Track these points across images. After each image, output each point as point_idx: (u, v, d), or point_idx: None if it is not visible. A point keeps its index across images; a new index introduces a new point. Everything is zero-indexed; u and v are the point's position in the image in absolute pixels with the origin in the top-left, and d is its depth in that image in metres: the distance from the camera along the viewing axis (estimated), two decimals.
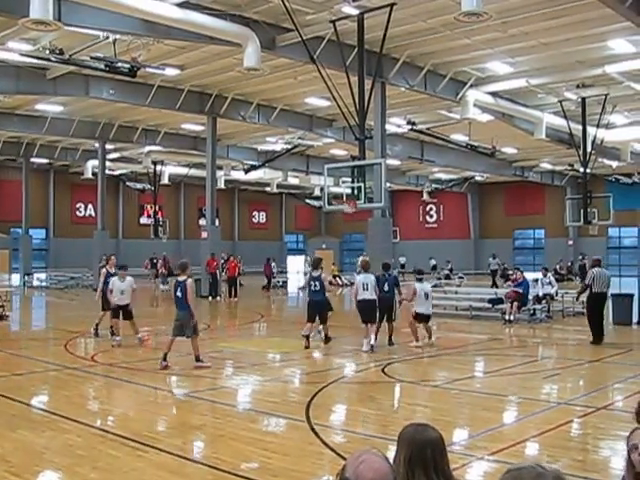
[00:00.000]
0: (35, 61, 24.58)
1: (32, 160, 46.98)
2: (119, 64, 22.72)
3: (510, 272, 28.61)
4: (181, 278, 14.19)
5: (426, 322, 17.49)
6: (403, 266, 51.05)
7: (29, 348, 17.52)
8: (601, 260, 19.14)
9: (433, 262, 52.25)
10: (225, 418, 9.85)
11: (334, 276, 42.71)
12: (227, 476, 7.13)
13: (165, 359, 13.74)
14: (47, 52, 22.41)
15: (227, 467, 7.35)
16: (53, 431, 9.09)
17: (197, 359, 13.86)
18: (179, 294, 13.93)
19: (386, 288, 17.24)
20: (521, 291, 22.58)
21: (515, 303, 22.27)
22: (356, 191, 21.82)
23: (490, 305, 23.81)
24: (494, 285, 34.47)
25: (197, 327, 14.28)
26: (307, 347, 16.62)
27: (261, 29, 22.20)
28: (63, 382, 12.88)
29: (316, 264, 17.68)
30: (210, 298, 32.45)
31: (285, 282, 44.88)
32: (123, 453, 7.99)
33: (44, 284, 45.51)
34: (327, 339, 17.42)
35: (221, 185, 49.61)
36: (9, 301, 27.25)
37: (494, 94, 29.23)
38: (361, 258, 27.74)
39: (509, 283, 25.03)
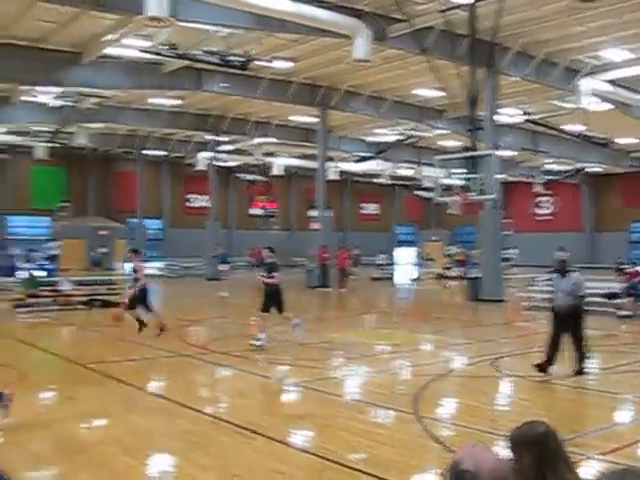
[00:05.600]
0: (151, 56, 25.24)
1: (147, 152, 48.30)
2: (231, 58, 23.08)
3: (626, 266, 27.64)
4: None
5: None
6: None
7: (145, 335, 17.99)
8: None
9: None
10: (333, 408, 9.89)
11: (445, 268, 42.29)
12: (334, 466, 7.15)
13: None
14: (162, 48, 22.96)
15: (334, 457, 7.37)
16: (167, 416, 9.34)
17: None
18: None
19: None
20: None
21: (631, 298, 21.53)
22: (467, 183, 21.51)
23: (607, 300, 23.04)
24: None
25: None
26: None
27: (371, 20, 22.15)
28: (176, 369, 13.20)
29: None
30: (320, 289, 32.65)
31: (392, 274, 44.63)
32: (233, 440, 8.13)
33: (159, 273, 46.69)
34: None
35: (332, 176, 49.82)
36: (125, 289, 28.06)
37: (610, 82, 28.30)
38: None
39: (626, 277, 24.19)
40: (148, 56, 25.33)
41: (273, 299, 15.53)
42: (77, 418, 9.21)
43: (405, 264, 47.05)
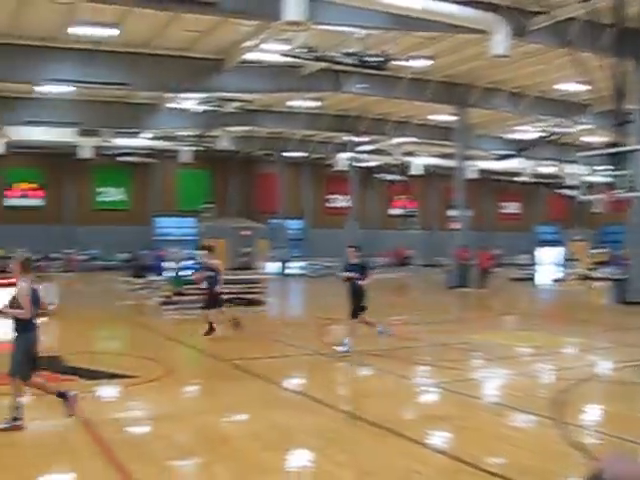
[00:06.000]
0: (289, 60, 25.69)
1: (288, 154, 49.13)
2: (369, 58, 23.17)
3: None
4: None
5: None
6: None
7: (285, 333, 18.35)
8: None
9: None
10: (471, 410, 9.78)
11: (589, 269, 40.97)
12: (470, 469, 7.08)
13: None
14: (301, 51, 23.31)
15: (471, 460, 7.29)
16: (305, 413, 9.49)
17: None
18: None
19: None
20: None
21: None
22: (614, 180, 20.72)
23: None
24: None
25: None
26: None
27: (509, 15, 21.73)
28: (315, 367, 13.39)
29: None
30: (460, 289, 32.30)
31: (533, 274, 43.50)
32: (369, 438, 8.19)
33: (301, 272, 47.32)
34: None
35: (471, 175, 49.18)
36: (267, 288, 28.64)
37: None
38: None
39: None
40: (287, 60, 25.80)
41: (357, 302, 14.63)
42: (219, 412, 9.52)
43: (547, 264, 45.81)
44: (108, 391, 11.12)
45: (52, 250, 46.75)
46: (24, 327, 8.65)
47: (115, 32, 24.73)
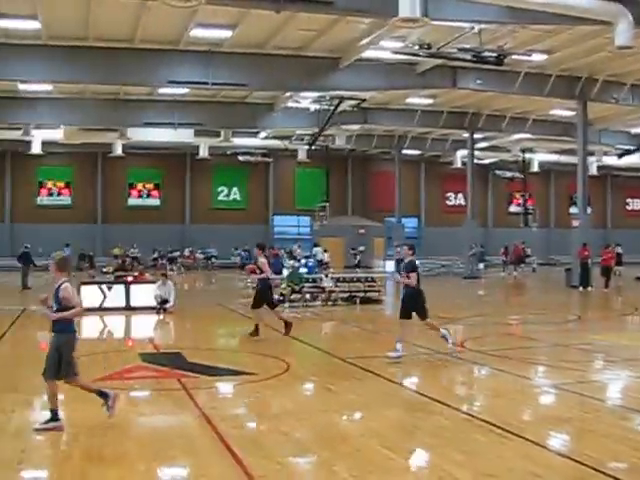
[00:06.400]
0: (405, 57, 25.59)
1: (403, 152, 48.97)
2: (485, 53, 22.86)
3: None
4: None
5: None
6: None
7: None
8: None
9: None
10: (594, 413, 9.51)
11: None
12: (594, 473, 6.87)
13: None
14: (416, 48, 23.20)
15: (594, 464, 7.08)
16: (423, 412, 9.45)
17: None
18: None
19: None
20: None
21: None
22: None
23: None
24: None
25: None
26: None
27: (632, 4, 20.95)
28: (433, 366, 13.29)
29: None
30: (581, 288, 31.43)
31: None
32: (488, 439, 8.07)
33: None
34: None
35: (593, 171, 47.82)
36: (384, 286, 28.64)
37: None
38: None
39: None
40: (402, 57, 25.70)
41: (412, 303, 13.77)
42: (337, 410, 9.59)
43: None
44: (227, 387, 11.36)
45: (171, 249, 48.04)
46: (60, 329, 8.64)
47: (232, 34, 25.28)
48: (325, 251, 38.33)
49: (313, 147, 42.45)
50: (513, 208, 59.40)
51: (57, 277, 8.74)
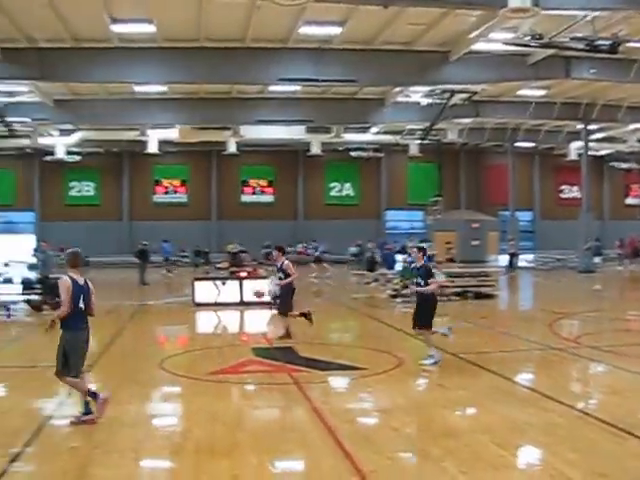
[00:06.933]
0: (516, 48, 25.14)
1: (516, 144, 48.10)
2: (599, 42, 22.19)
3: None
4: None
5: None
6: None
7: (516, 327, 18.05)
8: None
9: None
10: None
11: None
12: None
13: None
14: (527, 38, 22.76)
15: None
16: (536, 408, 9.32)
17: None
18: None
19: None
20: None
21: None
22: None
23: None
24: None
25: None
26: None
27: None
28: (547, 362, 13.09)
29: None
30: None
31: None
32: (602, 438, 7.91)
33: (531, 265, 46.24)
34: None
35: None
36: (497, 281, 28.30)
37: None
38: None
39: None
40: (513, 48, 25.26)
41: (423, 311, 12.76)
42: (448, 405, 9.58)
43: None
44: (338, 382, 11.49)
45: (284, 245, 48.60)
46: (65, 323, 8.68)
47: (341, 30, 25.43)
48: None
49: (425, 141, 42.21)
50: (630, 200, 57.59)
51: (68, 272, 8.88)
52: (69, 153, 45.17)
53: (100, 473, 7.01)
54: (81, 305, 8.69)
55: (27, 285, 22.28)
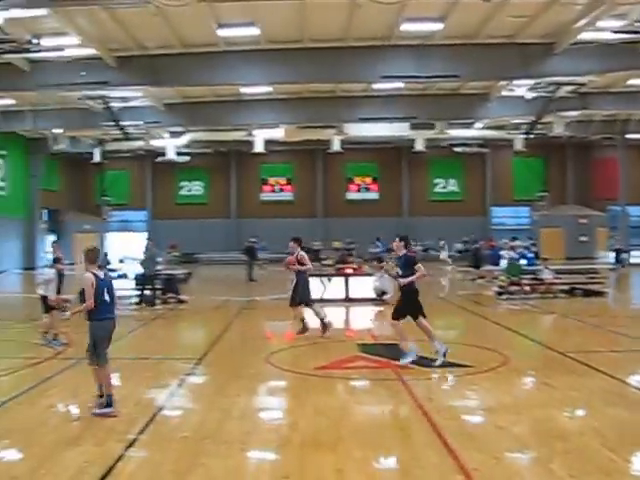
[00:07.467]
0: (626, 36, 24.37)
1: (627, 136, 46.63)
2: None
3: None
4: None
5: None
6: None
7: (627, 326, 17.50)
8: None
9: None
10: None
11: None
12: None
13: None
14: (639, 24, 22.08)
15: None
16: None
17: None
18: None
19: None
20: None
21: None
22: None
23: None
24: None
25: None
26: None
27: None
28: None
29: None
30: None
31: None
32: None
33: None
34: None
35: None
36: (607, 278, 27.56)
37: None
38: None
39: None
40: (623, 36, 24.50)
41: (406, 304, 12.43)
42: (557, 405, 9.35)
43: None
44: (443, 379, 11.39)
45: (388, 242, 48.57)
46: (90, 317, 8.96)
47: (441, 26, 25.25)
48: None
49: (530, 136, 41.44)
50: None
51: (87, 268, 9.14)
52: (179, 154, 46.44)
53: (209, 462, 7.19)
54: (106, 297, 9.02)
55: (139, 281, 23.08)
